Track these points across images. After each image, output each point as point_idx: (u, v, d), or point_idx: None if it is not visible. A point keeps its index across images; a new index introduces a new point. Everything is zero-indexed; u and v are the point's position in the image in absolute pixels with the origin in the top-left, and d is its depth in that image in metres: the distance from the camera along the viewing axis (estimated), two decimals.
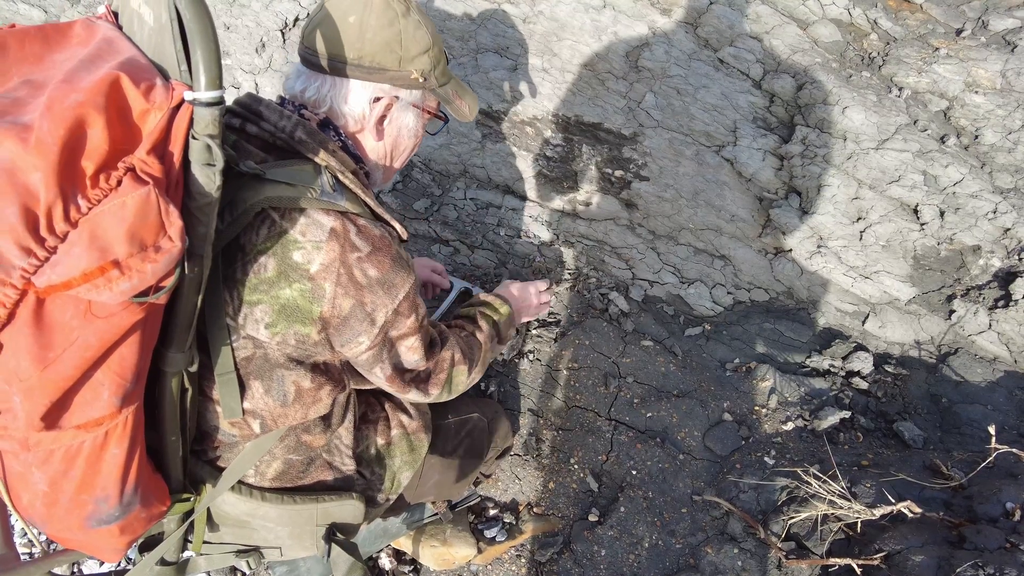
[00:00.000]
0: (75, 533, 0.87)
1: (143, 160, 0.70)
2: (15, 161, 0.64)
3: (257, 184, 0.90)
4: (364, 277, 0.97)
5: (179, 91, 0.72)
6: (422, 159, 2.49)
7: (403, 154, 1.22)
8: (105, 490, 0.84)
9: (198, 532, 1.12)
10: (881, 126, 2.13)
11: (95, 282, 0.67)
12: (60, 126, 0.65)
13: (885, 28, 2.28)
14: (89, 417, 0.77)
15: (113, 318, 0.72)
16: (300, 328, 0.96)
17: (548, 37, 2.34)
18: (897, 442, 1.85)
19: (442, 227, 2.37)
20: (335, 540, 1.21)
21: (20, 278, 0.65)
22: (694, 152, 2.23)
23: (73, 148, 0.66)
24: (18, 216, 0.63)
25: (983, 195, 2.06)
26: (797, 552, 1.55)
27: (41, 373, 0.70)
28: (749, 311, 2.19)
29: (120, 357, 0.76)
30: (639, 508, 1.75)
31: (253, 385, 1.00)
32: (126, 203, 0.67)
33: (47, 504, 0.82)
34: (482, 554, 1.76)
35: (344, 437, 1.20)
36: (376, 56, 1.04)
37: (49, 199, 0.64)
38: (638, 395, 1.95)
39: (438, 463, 1.48)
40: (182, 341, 0.86)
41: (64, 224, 0.66)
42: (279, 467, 1.14)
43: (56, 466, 0.79)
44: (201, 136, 0.73)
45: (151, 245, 0.70)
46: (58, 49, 0.77)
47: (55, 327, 0.69)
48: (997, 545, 1.33)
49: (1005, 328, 1.99)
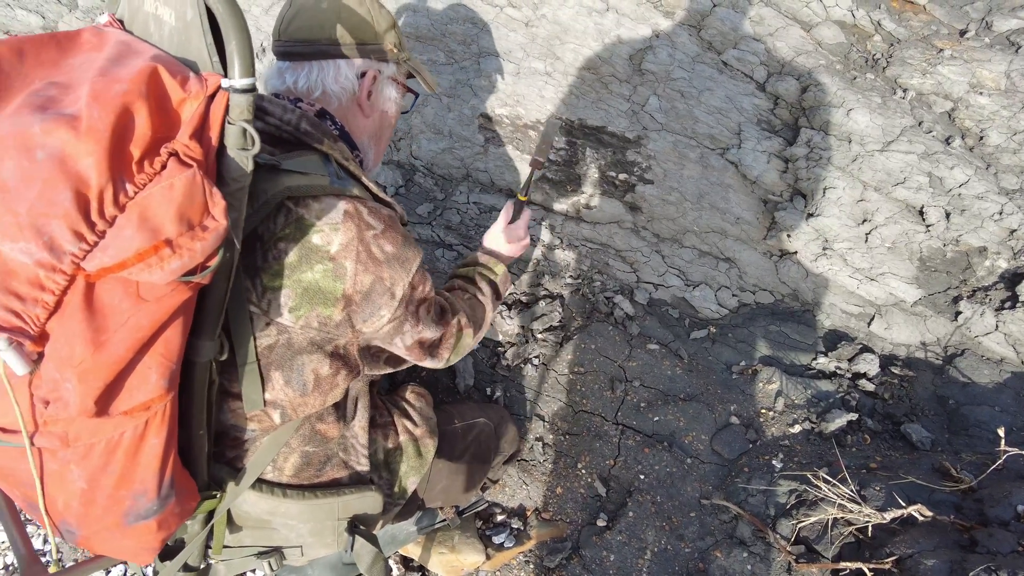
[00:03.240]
0: (112, 532, 0.88)
1: (186, 145, 0.73)
2: (66, 148, 0.65)
3: (273, 175, 0.94)
4: (381, 253, 1.01)
5: (213, 80, 0.76)
6: (425, 163, 2.48)
7: (387, 131, 1.30)
8: (144, 483, 0.85)
9: (218, 534, 1.13)
10: (886, 128, 2.13)
11: (148, 261, 0.69)
12: (110, 113, 0.68)
13: (889, 30, 2.28)
14: (137, 401, 0.78)
15: (162, 300, 0.74)
16: (322, 310, 0.99)
17: (551, 40, 2.34)
18: (905, 444, 1.84)
19: (445, 231, 2.37)
20: (358, 532, 1.23)
21: (71, 263, 0.67)
22: (698, 155, 2.23)
23: (122, 134, 0.69)
24: (72, 200, 0.65)
25: (989, 196, 2.05)
26: (807, 556, 1.54)
27: (95, 355, 0.71)
28: (754, 313, 2.19)
29: (166, 340, 0.78)
30: (647, 513, 1.75)
31: (274, 376, 1.03)
32: (174, 185, 0.70)
33: (85, 503, 0.83)
34: (490, 560, 1.75)
35: (360, 436, 1.22)
36: (355, 32, 1.14)
37: (101, 184, 0.67)
38: (645, 399, 1.94)
39: (445, 468, 1.48)
40: (212, 329, 0.89)
41: (113, 208, 0.68)
42: (297, 461, 1.15)
43: (96, 461, 0.80)
44: (237, 121, 0.77)
45: (198, 224, 0.72)
46: (71, 55, 0.79)
47: (106, 310, 0.71)
48: (1010, 549, 1.32)
49: (1012, 329, 1.99)
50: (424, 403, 1.45)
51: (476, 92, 2.40)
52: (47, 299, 0.68)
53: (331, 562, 1.55)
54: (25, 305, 0.68)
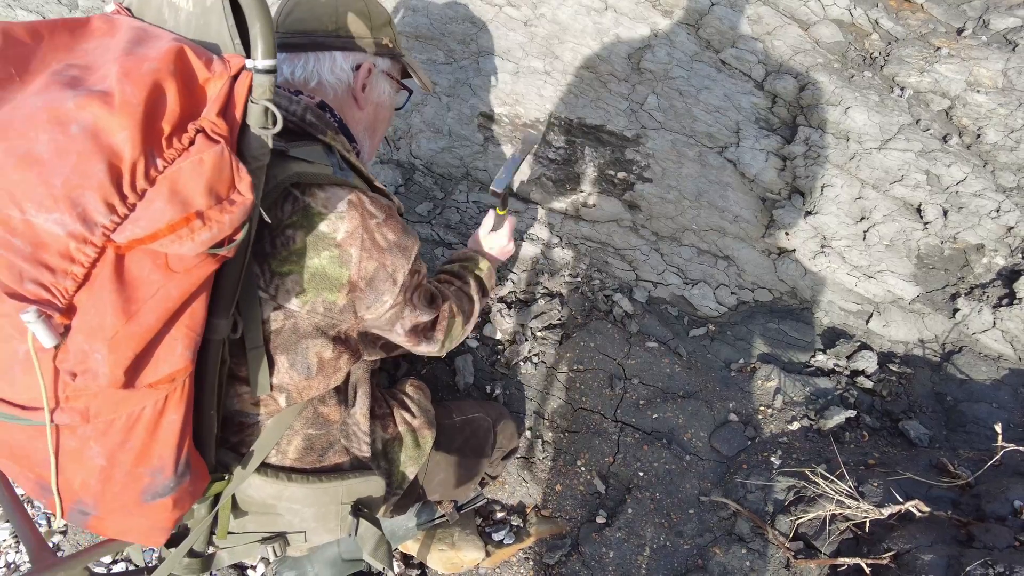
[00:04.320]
0: (128, 511, 0.88)
1: (213, 122, 0.76)
2: (99, 123, 0.67)
3: (282, 161, 0.96)
4: (384, 240, 1.04)
5: (237, 61, 0.79)
6: (424, 162, 2.49)
7: (381, 125, 1.33)
8: (162, 459, 0.86)
9: (223, 519, 1.13)
10: (883, 126, 2.14)
11: (179, 232, 0.71)
12: (142, 89, 0.70)
13: (886, 28, 2.29)
14: (163, 373, 0.79)
15: (190, 272, 0.76)
16: (328, 295, 1.01)
17: (550, 40, 2.34)
18: (903, 441, 1.85)
19: (445, 230, 2.37)
20: (362, 515, 1.24)
21: (101, 235, 0.68)
22: (697, 153, 2.24)
23: (153, 110, 0.71)
24: (105, 173, 0.67)
25: (986, 194, 2.06)
26: (805, 552, 1.55)
27: (126, 324, 0.72)
28: (753, 311, 2.19)
29: (192, 312, 0.80)
30: (646, 509, 1.75)
31: (279, 360, 1.04)
32: (203, 159, 0.72)
33: (103, 480, 0.83)
34: (490, 557, 1.76)
35: (361, 424, 1.24)
36: (352, 26, 1.17)
37: (134, 157, 0.69)
38: (644, 396, 1.95)
39: (443, 460, 1.50)
40: (227, 307, 0.90)
41: (144, 182, 0.70)
42: (300, 443, 1.16)
43: (115, 437, 0.80)
44: (260, 100, 0.80)
45: (226, 198, 0.75)
46: (84, 40, 0.81)
47: (136, 282, 0.73)
48: (1006, 544, 1.33)
49: (1009, 326, 1.99)
50: (422, 395, 1.47)
51: (475, 91, 2.41)
52: (77, 271, 0.69)
53: (331, 559, 1.56)
54: (55, 277, 0.69)
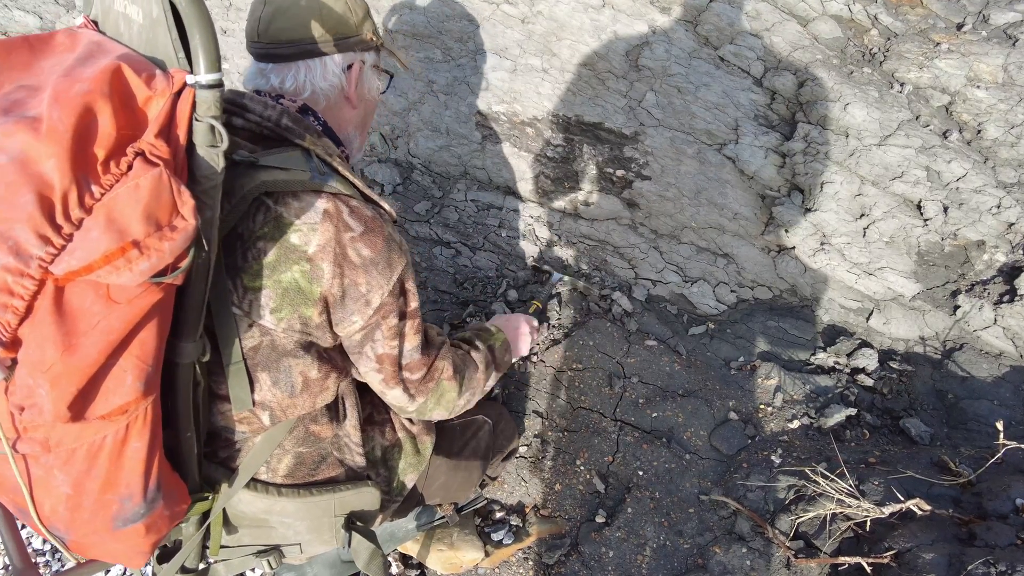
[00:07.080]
0: (101, 536, 0.87)
1: (152, 144, 0.72)
2: (28, 151, 0.65)
3: (252, 171, 0.93)
4: (358, 257, 0.99)
5: (179, 77, 0.74)
6: (422, 161, 2.48)
7: (370, 116, 1.30)
8: (129, 487, 0.84)
9: (215, 534, 1.12)
10: (883, 122, 2.13)
11: (115, 263, 0.68)
12: (70, 114, 0.66)
13: (885, 24, 2.28)
14: (114, 405, 0.77)
15: (134, 301, 0.73)
16: (304, 310, 0.98)
17: (547, 37, 2.33)
18: (904, 439, 1.84)
19: (443, 229, 2.36)
20: (355, 528, 1.22)
21: (38, 267, 0.66)
22: (695, 150, 2.23)
23: (84, 135, 0.67)
24: (35, 204, 0.65)
25: (986, 190, 2.05)
26: (806, 551, 1.54)
27: (66, 359, 0.70)
28: (753, 309, 2.18)
29: (141, 342, 0.77)
30: (646, 509, 1.75)
31: (261, 377, 1.01)
32: (140, 184, 0.69)
33: (71, 508, 0.82)
34: (489, 557, 1.75)
35: (353, 435, 1.21)
36: (337, 27, 1.12)
37: (64, 186, 0.66)
38: (643, 395, 1.94)
39: (443, 464, 1.48)
40: (193, 330, 0.87)
41: (79, 210, 0.67)
42: (290, 462, 1.14)
43: (79, 465, 0.79)
44: (204, 118, 0.76)
45: (166, 224, 0.71)
46: (43, 57, 0.79)
47: (76, 314, 0.70)
48: (1008, 542, 1.32)
49: (1010, 323, 1.98)
50: None
51: (473, 89, 2.40)
52: (17, 304, 0.67)
53: (330, 560, 1.55)
54: None
